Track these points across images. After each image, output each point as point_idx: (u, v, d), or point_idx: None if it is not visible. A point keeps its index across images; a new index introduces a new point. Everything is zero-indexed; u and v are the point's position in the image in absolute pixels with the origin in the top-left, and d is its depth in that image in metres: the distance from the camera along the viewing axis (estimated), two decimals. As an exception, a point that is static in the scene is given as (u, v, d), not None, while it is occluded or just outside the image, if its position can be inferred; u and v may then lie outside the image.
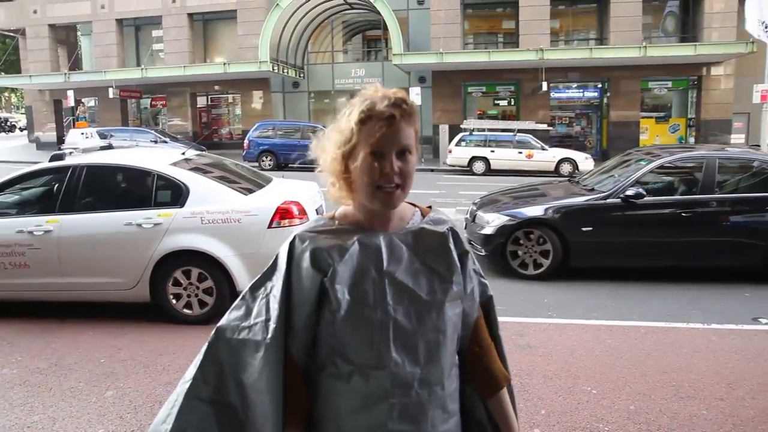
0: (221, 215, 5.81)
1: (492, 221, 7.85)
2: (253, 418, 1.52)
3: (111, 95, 29.63)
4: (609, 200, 7.60)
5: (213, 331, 1.59)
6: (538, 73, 24.83)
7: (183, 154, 6.78)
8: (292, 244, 1.56)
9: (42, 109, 34.81)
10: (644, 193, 7.50)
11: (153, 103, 33.92)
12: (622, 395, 4.33)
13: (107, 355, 5.07)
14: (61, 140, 31.03)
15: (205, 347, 1.58)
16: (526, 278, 7.59)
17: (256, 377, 1.52)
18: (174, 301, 5.90)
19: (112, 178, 6.43)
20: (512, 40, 28.49)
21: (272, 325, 1.52)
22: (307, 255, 1.51)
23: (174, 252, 5.79)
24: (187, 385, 1.56)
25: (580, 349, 5.22)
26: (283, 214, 5.85)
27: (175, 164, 6.23)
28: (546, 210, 7.75)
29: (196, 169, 6.34)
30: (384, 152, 1.45)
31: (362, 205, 1.55)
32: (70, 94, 29.96)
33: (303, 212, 5.98)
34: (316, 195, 6.74)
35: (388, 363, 1.47)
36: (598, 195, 7.76)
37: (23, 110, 45.29)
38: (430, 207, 1.69)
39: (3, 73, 34.74)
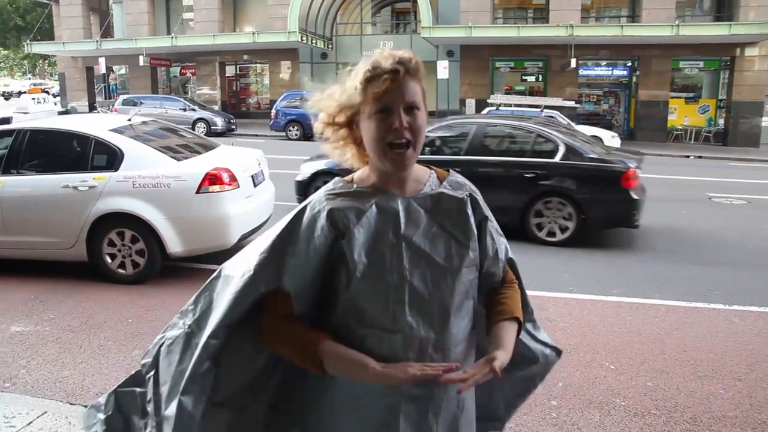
0: (152, 180, 6.03)
1: (305, 170, 9.05)
2: (197, 343, 1.59)
3: (141, 63, 29.81)
4: None
5: (219, 267, 1.68)
6: (567, 49, 24.42)
7: (129, 120, 6.99)
8: (307, 203, 1.56)
9: (74, 76, 35.20)
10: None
11: (182, 71, 34.09)
12: (640, 372, 4.36)
13: (135, 316, 5.22)
14: (92, 106, 31.46)
15: (207, 281, 1.67)
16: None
17: (218, 311, 1.58)
18: (109, 261, 6.18)
19: (53, 142, 6.70)
20: (542, 15, 28.01)
21: (248, 265, 1.54)
22: (324, 214, 1.49)
23: (108, 214, 6.06)
24: (181, 309, 1.69)
25: (599, 325, 5.25)
26: (211, 179, 6.06)
27: (114, 130, 6.45)
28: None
29: (136, 136, 6.54)
30: (392, 108, 1.45)
31: (376, 167, 1.55)
32: (102, 61, 30.25)
33: (233, 179, 6.22)
34: (254, 163, 6.94)
35: (402, 326, 1.48)
36: None
37: (56, 77, 45.75)
38: (448, 170, 1.68)
39: (37, 40, 35.10)
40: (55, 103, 32.70)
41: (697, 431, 3.62)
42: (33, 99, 29.60)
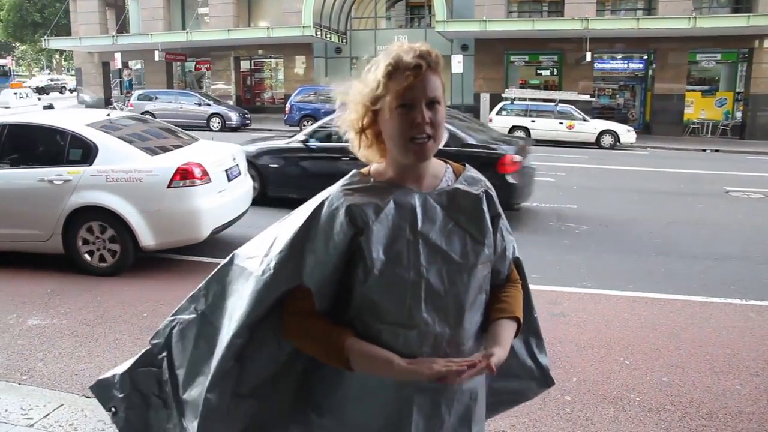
0: (124, 174, 6.10)
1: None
2: (218, 340, 1.62)
3: (157, 58, 29.98)
4: (292, 144, 9.66)
5: (231, 254, 1.69)
6: (583, 43, 24.27)
7: (108, 115, 7.11)
8: (324, 198, 1.55)
9: (91, 71, 35.47)
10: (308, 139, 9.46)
11: (197, 66, 34.25)
12: (654, 367, 4.33)
13: (150, 310, 5.26)
14: (108, 102, 31.69)
15: (218, 267, 1.69)
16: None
17: (236, 304, 1.60)
18: (84, 254, 6.26)
19: (30, 136, 6.82)
20: (557, 9, 27.85)
21: (268, 264, 1.55)
22: (342, 210, 1.49)
23: (83, 207, 6.13)
24: (191, 294, 1.72)
25: (614, 320, 5.22)
26: (183, 174, 6.12)
27: (90, 125, 6.52)
28: (257, 149, 9.73)
29: (112, 130, 6.62)
30: (414, 103, 1.45)
31: (395, 160, 1.54)
32: (118, 56, 30.46)
33: (205, 173, 6.29)
34: (229, 158, 7.01)
35: (418, 322, 1.48)
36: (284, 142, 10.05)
37: (73, 72, 46.17)
38: (463, 164, 1.68)
39: (54, 36, 35.44)
40: (39, 98, 33.21)
41: (713, 427, 3.59)
42: (15, 94, 30.13)
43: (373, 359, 1.47)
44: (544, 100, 22.11)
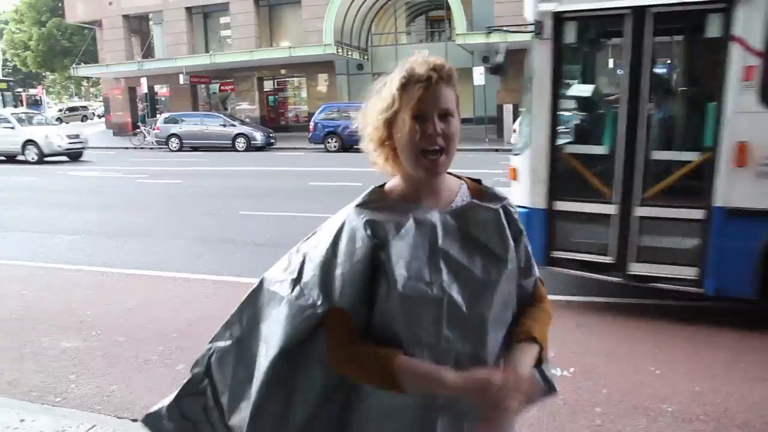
0: None
1: None
2: (257, 366, 1.62)
3: (182, 81, 30.49)
4: None
5: (260, 279, 1.70)
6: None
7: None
8: (344, 219, 1.54)
9: (118, 96, 36.20)
10: None
11: (222, 88, 34.76)
12: (686, 376, 4.26)
13: (178, 331, 5.31)
14: (135, 126, 32.28)
15: (249, 292, 1.70)
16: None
17: (270, 329, 1.60)
18: None
19: None
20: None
21: (299, 286, 1.55)
22: (362, 224, 1.49)
23: None
24: (226, 320, 1.74)
25: (642, 330, 5.14)
26: None
27: None
28: None
29: None
30: (426, 115, 1.44)
31: (409, 176, 1.53)
32: (143, 81, 31.04)
33: None
34: None
35: (440, 340, 1.47)
36: None
37: (101, 99, 47.08)
38: (479, 181, 1.66)
39: (83, 63, 36.30)
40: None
41: (749, 437, 3.53)
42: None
43: (424, 378, 1.44)
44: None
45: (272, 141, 25.99)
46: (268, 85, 33.87)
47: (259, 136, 25.50)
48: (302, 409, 1.59)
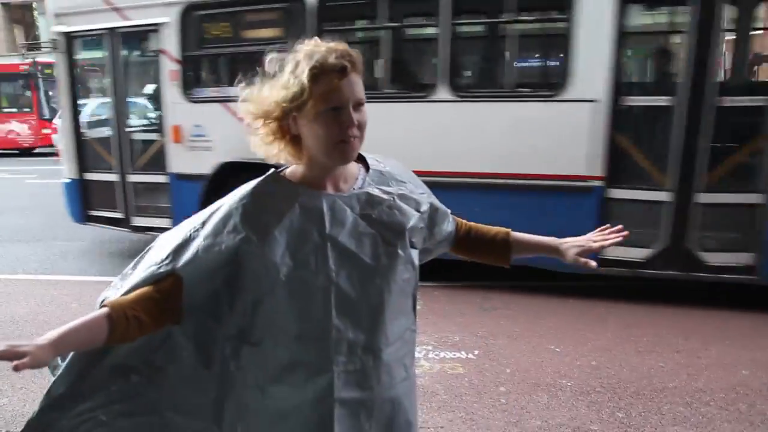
0: None
1: None
2: None
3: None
4: None
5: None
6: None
7: None
8: (230, 199, 1.51)
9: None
10: None
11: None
12: (584, 351, 4.47)
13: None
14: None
15: (146, 249, 1.66)
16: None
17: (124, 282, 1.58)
18: None
19: None
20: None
21: (160, 245, 1.55)
22: (239, 213, 1.46)
23: None
24: (123, 272, 1.66)
25: (543, 311, 5.35)
26: None
27: None
28: None
29: None
30: (342, 105, 1.40)
31: (314, 163, 1.50)
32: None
33: None
34: None
35: (329, 330, 1.45)
36: None
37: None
38: (363, 158, 1.64)
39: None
40: None
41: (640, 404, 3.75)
42: None
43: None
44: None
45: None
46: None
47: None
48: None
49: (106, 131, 7.42)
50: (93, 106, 8.16)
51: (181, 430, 1.64)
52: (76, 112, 7.42)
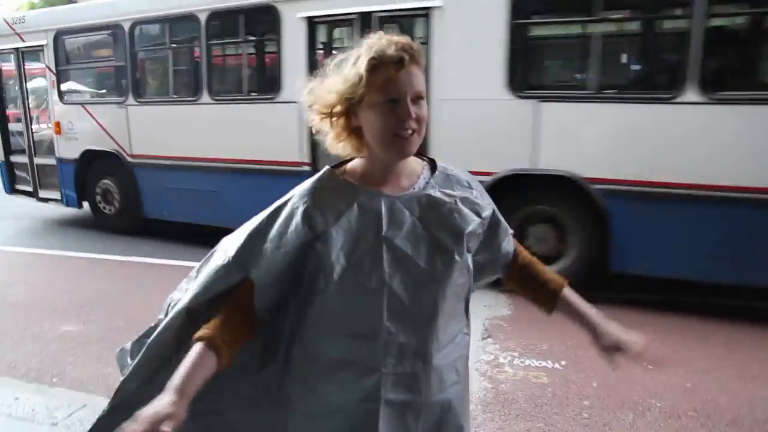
0: None
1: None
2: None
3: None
4: None
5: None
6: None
7: None
8: (290, 197, 1.53)
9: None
10: None
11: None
12: (679, 371, 4.24)
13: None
14: None
15: (209, 253, 1.69)
16: None
17: (190, 284, 1.61)
18: None
19: None
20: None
21: (227, 252, 1.55)
22: (300, 212, 1.46)
23: None
24: (189, 275, 1.71)
25: (639, 325, 5.10)
26: None
27: None
28: None
29: None
30: (399, 98, 1.39)
31: (373, 157, 1.49)
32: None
33: None
34: None
35: (380, 332, 1.44)
36: None
37: None
38: (434, 161, 1.62)
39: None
40: None
41: (735, 433, 3.51)
42: None
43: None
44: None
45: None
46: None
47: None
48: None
49: (20, 126, 9.98)
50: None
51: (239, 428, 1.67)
52: (3, 111, 10.17)
